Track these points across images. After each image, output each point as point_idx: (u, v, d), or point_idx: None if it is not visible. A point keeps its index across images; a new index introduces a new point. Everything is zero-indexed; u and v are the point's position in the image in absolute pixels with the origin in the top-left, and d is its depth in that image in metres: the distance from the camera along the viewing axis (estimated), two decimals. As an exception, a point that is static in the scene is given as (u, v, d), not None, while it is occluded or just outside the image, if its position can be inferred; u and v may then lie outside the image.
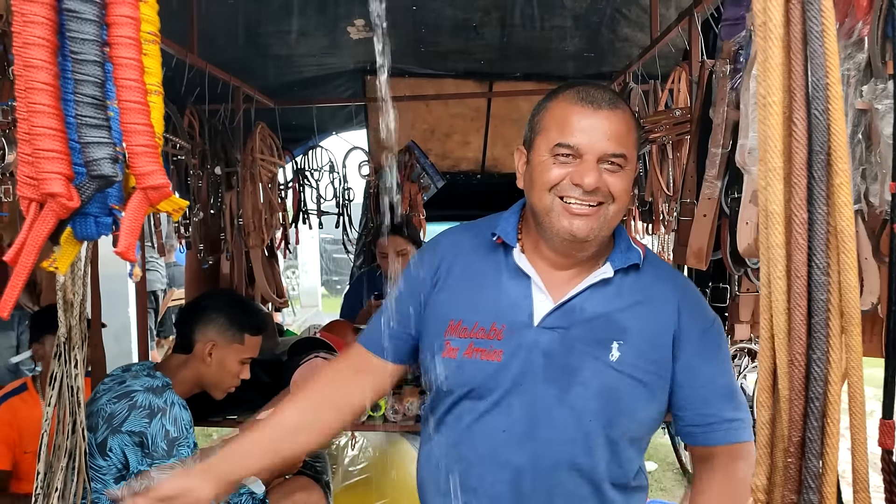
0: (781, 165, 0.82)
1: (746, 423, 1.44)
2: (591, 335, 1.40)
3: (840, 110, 0.80)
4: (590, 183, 1.32)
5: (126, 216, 0.84)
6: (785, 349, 0.83)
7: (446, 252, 1.54)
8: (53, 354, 2.03)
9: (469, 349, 1.42)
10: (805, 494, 0.82)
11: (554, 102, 1.41)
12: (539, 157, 1.39)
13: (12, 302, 0.82)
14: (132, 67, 0.81)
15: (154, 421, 2.06)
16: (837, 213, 0.81)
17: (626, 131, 1.36)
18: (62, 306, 2.01)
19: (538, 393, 1.39)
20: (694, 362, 1.42)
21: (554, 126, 1.37)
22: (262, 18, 3.75)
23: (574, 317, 1.41)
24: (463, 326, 1.43)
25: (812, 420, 0.82)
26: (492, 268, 1.48)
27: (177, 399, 2.15)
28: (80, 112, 0.81)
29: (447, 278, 1.50)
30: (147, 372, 2.22)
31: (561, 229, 1.36)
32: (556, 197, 1.36)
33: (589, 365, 1.38)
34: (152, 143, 0.84)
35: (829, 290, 0.82)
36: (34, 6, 0.78)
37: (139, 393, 2.11)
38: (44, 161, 0.79)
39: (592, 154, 1.34)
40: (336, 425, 1.58)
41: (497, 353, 1.40)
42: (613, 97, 1.39)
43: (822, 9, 0.80)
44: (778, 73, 0.81)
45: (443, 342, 1.45)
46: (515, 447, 1.39)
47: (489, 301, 1.45)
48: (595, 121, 1.34)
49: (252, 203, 3.89)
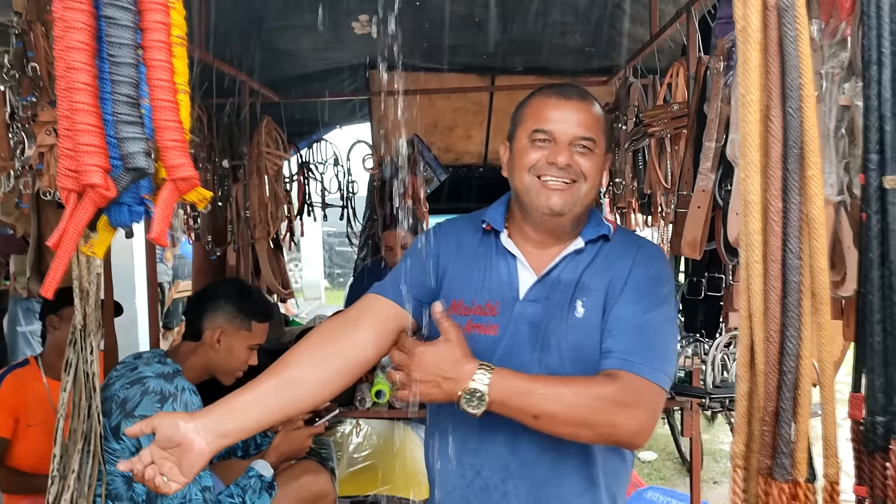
0: (759, 159, 0.90)
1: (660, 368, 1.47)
2: (562, 300, 1.55)
3: (812, 108, 0.87)
4: (563, 161, 1.51)
5: (158, 205, 0.92)
6: (761, 327, 0.91)
7: (447, 238, 1.70)
8: (69, 342, 2.11)
9: (468, 325, 1.57)
10: (778, 459, 0.90)
11: (531, 98, 1.61)
12: (519, 143, 1.58)
13: (55, 283, 0.90)
14: (164, 69, 0.89)
15: (165, 405, 2.14)
16: (810, 203, 0.88)
17: (593, 119, 1.56)
18: (78, 295, 2.08)
19: (525, 359, 1.53)
20: (623, 298, 1.52)
21: (531, 116, 1.57)
22: (267, 15, 3.81)
23: (551, 287, 1.57)
24: (464, 305, 1.60)
25: (785, 391, 0.90)
26: (484, 251, 1.65)
27: (187, 385, 2.22)
28: (116, 110, 0.88)
29: (449, 262, 1.66)
30: (158, 359, 2.30)
31: (540, 204, 1.54)
32: (534, 176, 1.54)
33: (561, 326, 1.53)
34: (181, 138, 0.92)
35: (802, 273, 0.89)
36: (75, 13, 0.86)
37: (151, 379, 2.18)
38: (84, 155, 0.87)
39: (565, 137, 1.53)
40: (339, 376, 1.54)
41: (493, 327, 1.56)
42: (583, 92, 1.60)
43: (796, 15, 0.87)
44: (756, 74, 0.89)
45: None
46: None
47: (483, 281, 1.61)
48: (566, 110, 1.54)
49: (258, 196, 3.96)
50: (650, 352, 1.48)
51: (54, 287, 0.89)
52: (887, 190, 0.86)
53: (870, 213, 0.88)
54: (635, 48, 3.79)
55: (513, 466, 1.55)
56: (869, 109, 0.87)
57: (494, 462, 1.56)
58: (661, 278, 1.58)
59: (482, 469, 1.58)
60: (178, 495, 2.10)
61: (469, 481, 1.59)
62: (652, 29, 3.44)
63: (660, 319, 1.53)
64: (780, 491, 0.91)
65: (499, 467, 1.56)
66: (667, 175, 3.09)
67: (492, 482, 1.57)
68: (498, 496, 1.57)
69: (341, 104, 5.36)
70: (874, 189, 0.88)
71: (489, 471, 1.57)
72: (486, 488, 1.58)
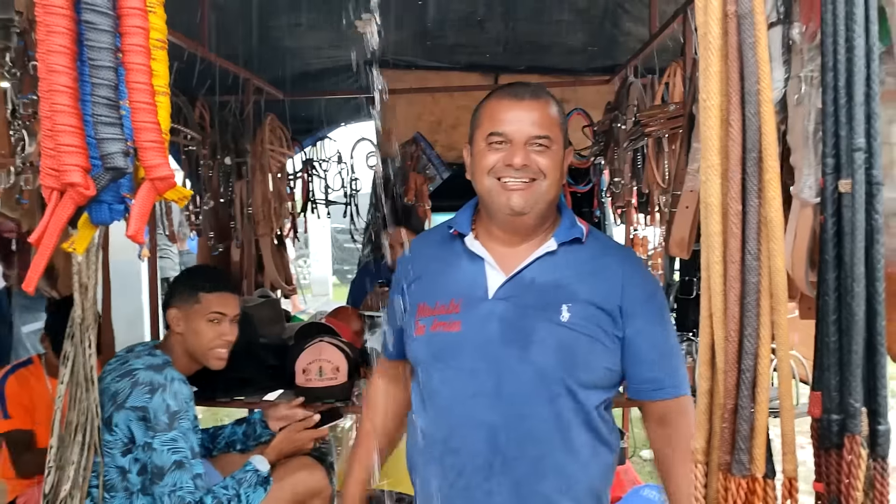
0: (719, 162, 0.92)
1: (686, 379, 1.65)
2: (542, 301, 1.58)
3: (770, 113, 0.90)
4: (518, 162, 1.54)
5: (136, 203, 0.95)
6: (721, 326, 0.93)
7: (415, 253, 1.77)
8: (67, 335, 2.15)
9: (434, 324, 1.61)
10: (737, 455, 0.93)
11: (486, 101, 1.64)
12: (478, 147, 1.62)
13: (36, 278, 0.93)
14: (142, 72, 0.92)
15: (155, 396, 2.17)
16: (767, 206, 0.91)
17: (548, 117, 1.58)
18: (78, 289, 2.12)
19: (499, 355, 1.56)
20: (642, 329, 1.60)
21: (486, 119, 1.60)
22: (271, 12, 3.85)
23: (524, 287, 1.60)
24: (427, 307, 1.64)
25: (744, 389, 0.92)
26: (451, 255, 1.68)
27: (176, 375, 2.26)
28: (96, 111, 0.92)
29: (416, 273, 1.71)
30: (148, 351, 2.34)
31: (501, 205, 1.57)
32: (494, 178, 1.58)
33: (543, 325, 1.56)
34: (159, 139, 0.95)
35: (761, 274, 0.92)
36: (56, 18, 0.89)
37: (140, 371, 2.22)
38: (65, 154, 0.91)
39: (520, 137, 1.55)
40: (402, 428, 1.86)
41: (456, 323, 1.59)
42: (536, 89, 1.62)
43: (755, 22, 0.89)
44: (716, 80, 0.91)
45: (414, 325, 1.65)
46: (487, 407, 1.56)
47: (449, 283, 1.65)
48: (520, 110, 1.57)
49: (262, 192, 3.99)
50: (681, 369, 1.65)
51: (34, 283, 0.93)
52: (842, 194, 0.88)
53: (826, 217, 0.90)
54: (637, 47, 3.80)
55: (495, 464, 1.56)
56: (826, 115, 0.90)
57: (475, 461, 1.57)
58: (659, 288, 1.69)
59: (464, 469, 1.58)
60: (169, 482, 2.14)
61: (451, 482, 1.59)
62: (651, 28, 3.45)
63: (674, 332, 1.69)
64: (739, 486, 0.93)
65: (480, 466, 1.57)
66: (664, 175, 3.10)
67: (474, 481, 1.57)
68: (481, 495, 1.57)
69: (345, 102, 5.39)
70: (830, 192, 0.90)
71: (471, 470, 1.57)
72: (468, 487, 1.58)
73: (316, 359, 2.90)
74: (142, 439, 2.16)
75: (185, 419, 2.21)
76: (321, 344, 2.95)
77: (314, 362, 2.90)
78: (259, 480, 2.39)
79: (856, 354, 0.88)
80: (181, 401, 2.21)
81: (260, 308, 3.73)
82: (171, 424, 2.17)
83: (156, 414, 2.16)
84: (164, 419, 2.16)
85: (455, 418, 1.58)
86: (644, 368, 1.61)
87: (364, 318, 3.59)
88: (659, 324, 1.63)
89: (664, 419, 1.64)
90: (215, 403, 3.10)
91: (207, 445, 2.76)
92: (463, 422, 1.57)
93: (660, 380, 1.61)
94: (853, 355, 0.88)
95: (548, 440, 1.55)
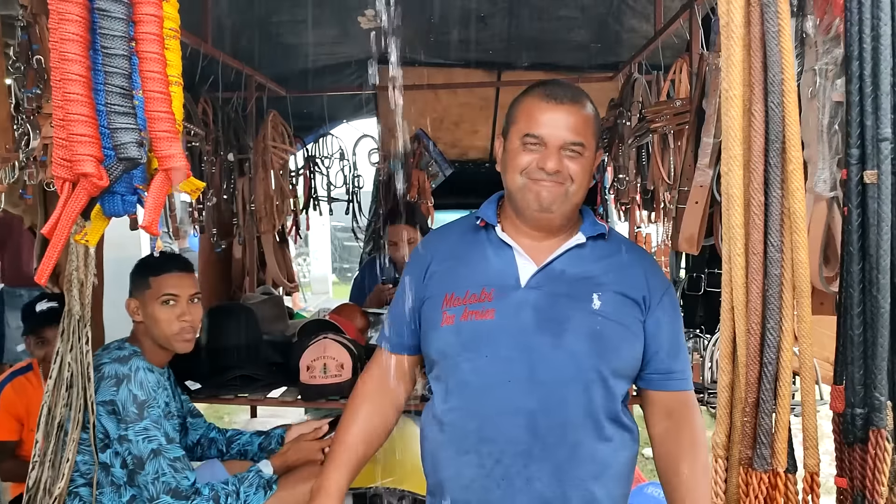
0: (741, 153, 0.91)
1: (690, 375, 1.72)
2: (573, 291, 1.61)
3: (794, 104, 0.88)
4: (552, 167, 1.56)
5: (150, 194, 0.93)
6: (743, 319, 0.92)
7: (433, 247, 1.77)
8: (59, 332, 2.13)
9: (465, 313, 1.61)
10: (759, 449, 0.91)
11: (525, 98, 1.64)
12: (512, 144, 1.63)
13: (49, 270, 0.92)
14: (156, 61, 0.91)
15: (121, 388, 2.16)
16: (791, 197, 0.89)
17: (584, 123, 1.59)
18: (76, 286, 2.11)
19: (533, 343, 1.57)
20: (661, 320, 1.66)
21: (523, 118, 1.61)
22: (274, 8, 3.83)
23: (555, 277, 1.63)
24: (457, 297, 1.63)
25: (766, 383, 0.91)
26: (477, 246, 1.70)
27: (142, 364, 2.23)
28: (109, 101, 0.90)
29: (437, 264, 1.71)
30: (117, 345, 2.33)
31: (530, 201, 1.60)
32: (525, 178, 1.60)
33: (576, 314, 1.59)
34: (173, 129, 0.94)
35: (783, 266, 0.90)
36: (69, 5, 0.88)
37: (106, 365, 2.21)
38: (77, 144, 0.89)
39: (555, 142, 1.57)
40: (388, 425, 1.81)
41: (489, 311, 1.60)
42: (576, 93, 1.62)
43: (778, 11, 0.88)
44: (739, 69, 0.90)
45: (440, 315, 1.64)
46: (524, 393, 1.57)
47: (478, 272, 1.66)
48: (557, 114, 1.57)
49: (264, 189, 3.98)
50: (688, 364, 1.73)
51: (48, 274, 0.91)
52: (867, 184, 0.87)
53: (851, 208, 0.89)
54: (641, 44, 3.79)
55: (535, 450, 1.57)
56: (850, 105, 0.88)
57: (516, 447, 1.57)
58: (671, 287, 1.73)
59: (502, 456, 1.58)
60: (150, 471, 2.13)
61: (489, 470, 1.59)
62: (656, 25, 3.44)
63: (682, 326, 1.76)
64: (760, 481, 0.92)
65: (520, 452, 1.57)
66: (670, 171, 3.09)
67: (514, 468, 1.57)
68: (521, 482, 1.57)
69: (347, 99, 5.37)
70: (855, 184, 0.88)
71: (510, 457, 1.57)
72: (507, 475, 1.58)
73: (320, 356, 2.89)
74: (115, 433, 2.15)
75: (154, 406, 2.19)
76: (325, 341, 2.94)
77: (318, 359, 2.88)
78: (261, 483, 2.37)
79: (881, 347, 0.87)
80: (147, 389, 2.19)
81: (263, 305, 3.72)
82: (141, 414, 2.15)
83: (124, 406, 2.14)
84: (133, 409, 2.14)
85: (490, 406, 1.58)
86: (660, 358, 1.66)
87: (368, 316, 3.58)
88: (675, 317, 1.69)
89: (671, 411, 1.67)
90: (219, 401, 3.08)
91: (222, 448, 2.75)
92: (499, 409, 1.57)
93: (673, 371, 1.66)
94: (878, 348, 0.87)
95: (583, 426, 1.57)
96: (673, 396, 1.67)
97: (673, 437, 1.65)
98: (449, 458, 1.65)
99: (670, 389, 1.67)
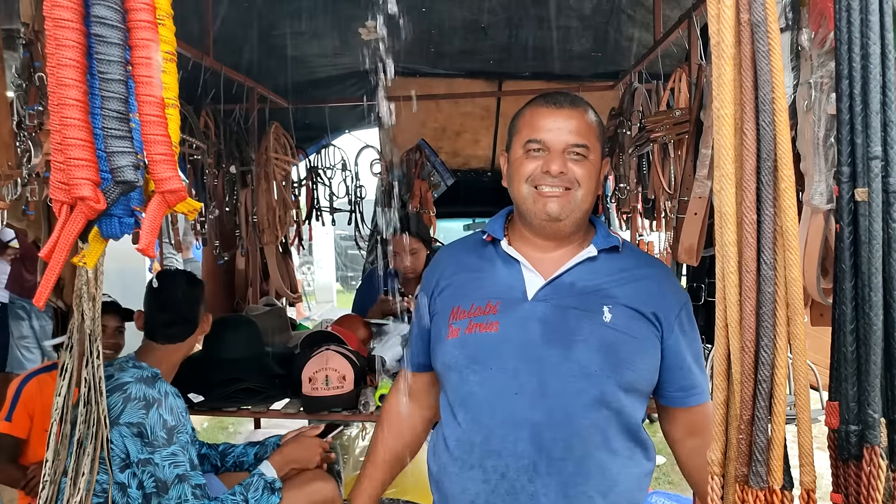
0: (733, 171, 0.91)
1: (708, 386, 1.67)
2: (583, 303, 1.59)
3: (785, 122, 0.89)
4: (555, 169, 1.55)
5: (147, 217, 0.94)
6: (737, 337, 0.92)
7: (443, 263, 1.77)
8: (65, 347, 2.13)
9: (469, 326, 1.60)
10: (754, 466, 0.91)
11: (526, 108, 1.66)
12: (516, 154, 1.63)
13: (47, 293, 0.92)
14: (152, 85, 0.92)
15: (151, 412, 2.15)
16: (783, 215, 0.90)
17: (586, 126, 1.60)
18: (86, 300, 2.11)
19: (542, 355, 1.55)
20: (680, 335, 1.63)
21: (525, 127, 1.62)
22: (275, 21, 3.85)
23: (564, 290, 1.60)
24: (462, 310, 1.63)
25: (760, 400, 0.91)
26: (484, 260, 1.69)
27: (170, 388, 2.24)
28: (106, 125, 0.91)
29: (446, 280, 1.71)
30: (133, 363, 2.31)
31: (538, 211, 1.59)
32: (531, 186, 1.59)
33: (586, 325, 1.56)
34: (170, 151, 0.94)
35: (776, 284, 0.91)
36: (66, 31, 0.89)
37: (132, 384, 2.20)
38: (74, 168, 0.90)
39: (558, 145, 1.57)
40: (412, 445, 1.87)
41: (493, 324, 1.58)
42: (575, 99, 1.63)
43: (768, 30, 0.88)
44: (730, 88, 0.90)
45: (447, 329, 1.63)
46: (530, 406, 1.54)
47: (485, 285, 1.64)
48: (558, 118, 1.58)
49: (266, 201, 4.00)
50: (705, 374, 1.68)
51: (45, 298, 0.92)
52: (858, 202, 0.87)
53: (843, 225, 0.89)
54: (641, 53, 3.80)
55: (541, 465, 1.53)
56: (841, 123, 0.89)
57: (520, 462, 1.54)
58: (688, 300, 1.69)
59: (507, 471, 1.55)
60: (174, 495, 2.13)
61: (494, 486, 1.56)
62: (656, 34, 3.45)
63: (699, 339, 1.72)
64: (756, 498, 0.92)
65: (525, 467, 1.54)
66: (670, 180, 3.10)
67: (519, 483, 1.54)
68: (526, 498, 1.54)
69: (349, 109, 5.40)
70: (846, 201, 0.89)
71: (515, 472, 1.54)
72: (512, 491, 1.55)
73: (322, 367, 2.89)
74: (137, 455, 2.14)
75: (182, 433, 2.20)
76: (327, 352, 2.94)
77: (320, 371, 2.88)
78: (266, 485, 2.38)
79: (874, 364, 0.87)
80: (177, 415, 2.20)
81: (266, 317, 3.72)
82: (170, 440, 2.15)
83: (153, 430, 2.14)
84: (162, 435, 2.15)
85: (495, 419, 1.56)
86: (682, 375, 1.64)
87: (370, 327, 3.57)
88: (692, 331, 1.67)
89: (694, 427, 1.66)
90: (222, 413, 3.09)
91: (216, 463, 2.75)
92: (504, 421, 1.55)
93: (695, 386, 1.65)
94: (871, 365, 0.87)
95: (591, 440, 1.54)
96: (696, 410, 1.65)
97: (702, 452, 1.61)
98: (454, 474, 1.62)
99: (693, 405, 1.65)
